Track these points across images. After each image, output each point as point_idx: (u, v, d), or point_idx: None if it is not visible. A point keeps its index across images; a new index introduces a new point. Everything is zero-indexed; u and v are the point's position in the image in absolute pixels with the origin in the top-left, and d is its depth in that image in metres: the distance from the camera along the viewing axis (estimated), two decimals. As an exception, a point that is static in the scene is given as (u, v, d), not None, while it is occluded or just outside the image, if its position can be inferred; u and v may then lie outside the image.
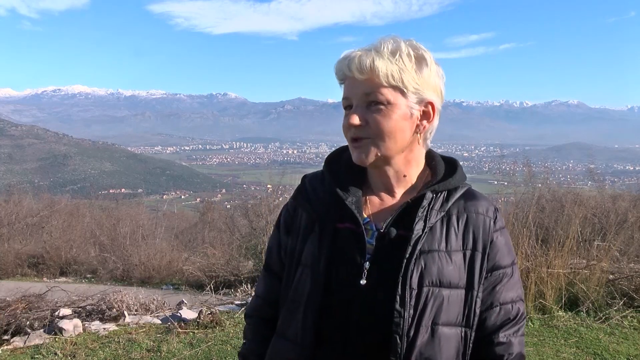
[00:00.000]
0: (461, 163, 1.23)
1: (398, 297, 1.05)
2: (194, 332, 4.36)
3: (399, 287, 1.06)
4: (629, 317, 4.40)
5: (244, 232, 10.53)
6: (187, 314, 4.71)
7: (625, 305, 4.55)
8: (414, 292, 1.06)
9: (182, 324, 4.50)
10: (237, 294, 6.22)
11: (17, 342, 4.17)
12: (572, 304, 4.64)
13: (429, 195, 1.12)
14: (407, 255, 1.07)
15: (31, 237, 12.34)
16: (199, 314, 4.64)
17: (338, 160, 1.24)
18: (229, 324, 4.53)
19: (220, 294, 6.41)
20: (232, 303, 5.41)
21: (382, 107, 1.09)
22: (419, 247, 1.08)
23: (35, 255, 10.86)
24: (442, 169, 1.19)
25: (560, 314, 4.47)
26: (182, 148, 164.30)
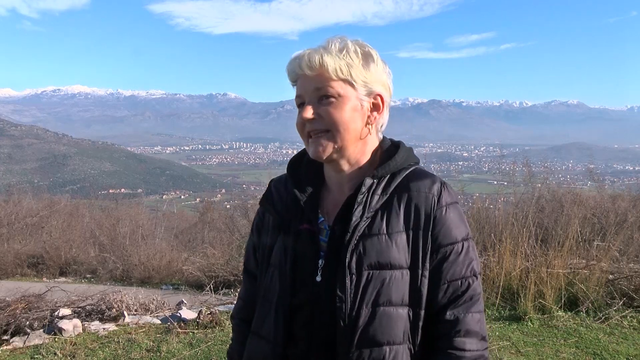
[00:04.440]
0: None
1: (338, 283, 1.09)
2: (193, 332, 4.36)
3: (339, 273, 1.09)
4: (628, 317, 4.40)
5: (244, 232, 10.52)
6: (187, 314, 4.71)
7: (625, 305, 4.55)
8: (354, 277, 1.09)
9: (182, 324, 4.50)
10: (237, 294, 6.21)
11: (17, 342, 4.17)
12: (571, 304, 4.64)
13: (367, 181, 1.14)
14: (346, 242, 1.10)
15: (31, 237, 12.31)
16: (198, 314, 4.64)
17: (300, 163, 1.29)
18: (229, 324, 4.52)
19: (219, 294, 6.41)
20: (231, 303, 5.41)
21: (333, 99, 1.12)
22: (358, 233, 1.10)
23: (34, 255, 10.83)
24: (386, 154, 1.21)
25: (560, 314, 4.46)
26: (182, 148, 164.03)
